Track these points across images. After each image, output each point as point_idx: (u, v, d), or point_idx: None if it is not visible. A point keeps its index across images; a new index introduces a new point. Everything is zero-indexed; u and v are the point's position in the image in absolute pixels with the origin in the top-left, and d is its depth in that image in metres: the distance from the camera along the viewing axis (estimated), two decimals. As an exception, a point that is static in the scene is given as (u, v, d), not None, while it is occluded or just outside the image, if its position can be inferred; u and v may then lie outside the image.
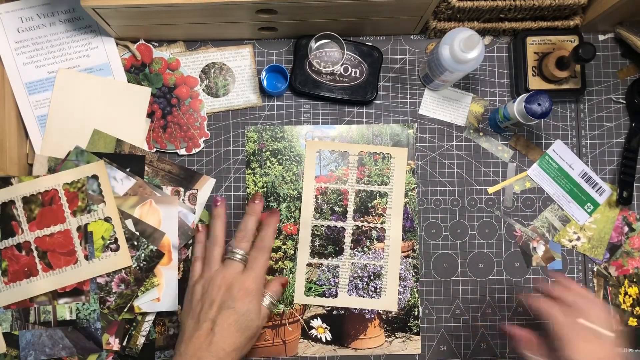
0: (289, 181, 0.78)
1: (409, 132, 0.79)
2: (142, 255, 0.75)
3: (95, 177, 0.75)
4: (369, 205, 0.78)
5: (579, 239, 0.79)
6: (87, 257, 0.74)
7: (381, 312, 0.78)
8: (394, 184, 0.78)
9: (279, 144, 0.79)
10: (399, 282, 0.78)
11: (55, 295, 0.74)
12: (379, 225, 0.78)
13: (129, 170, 0.76)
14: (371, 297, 0.78)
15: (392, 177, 0.79)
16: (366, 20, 0.75)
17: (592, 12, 0.76)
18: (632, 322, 0.78)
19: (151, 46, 0.78)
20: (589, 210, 0.79)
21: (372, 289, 0.78)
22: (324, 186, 0.78)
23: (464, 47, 0.67)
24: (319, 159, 0.79)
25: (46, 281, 0.73)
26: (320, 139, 0.79)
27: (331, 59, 0.79)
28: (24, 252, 0.74)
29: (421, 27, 0.78)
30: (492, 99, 0.81)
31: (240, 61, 0.80)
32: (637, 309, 0.79)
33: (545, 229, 0.80)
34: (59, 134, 0.77)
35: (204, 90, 0.79)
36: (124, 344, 0.75)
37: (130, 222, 0.75)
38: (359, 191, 0.79)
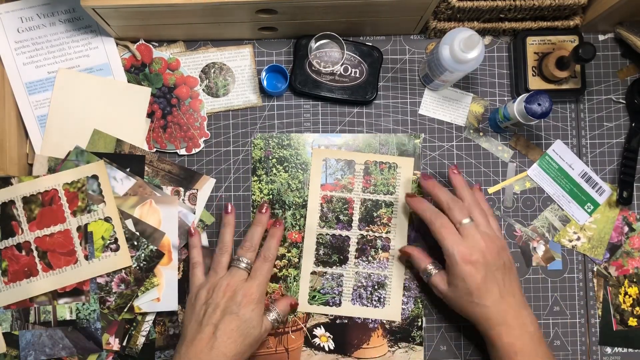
0: (294, 189, 0.78)
1: (416, 142, 0.79)
2: (142, 255, 0.75)
3: (95, 177, 0.75)
4: (375, 214, 0.78)
5: (579, 239, 0.79)
6: (87, 257, 0.74)
7: (384, 321, 0.78)
8: (400, 193, 0.78)
9: (285, 152, 0.79)
10: (402, 292, 0.78)
11: (55, 295, 0.74)
12: (384, 234, 0.78)
13: (129, 170, 0.76)
14: (375, 307, 0.77)
15: (397, 187, 0.78)
16: (366, 20, 0.75)
17: (592, 12, 0.76)
18: (632, 322, 0.78)
19: (151, 46, 0.78)
20: (589, 210, 0.79)
21: (376, 299, 0.78)
22: (329, 194, 0.78)
23: (464, 47, 0.67)
24: (325, 167, 0.79)
25: (46, 281, 0.73)
26: (326, 147, 0.79)
27: (331, 59, 0.79)
28: (24, 252, 0.74)
29: (421, 27, 0.78)
30: (492, 99, 0.81)
31: (240, 61, 0.80)
32: (637, 309, 0.79)
33: (545, 229, 0.80)
34: (59, 134, 0.77)
35: (204, 90, 0.79)
36: (124, 344, 0.75)
37: (130, 222, 0.75)
38: (364, 200, 0.78)
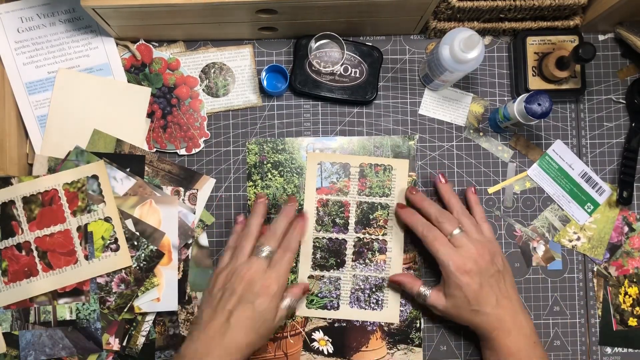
0: (290, 193, 0.78)
1: (410, 143, 0.79)
2: (142, 255, 0.75)
3: (95, 177, 0.75)
4: (371, 217, 0.78)
5: (579, 239, 0.79)
6: (87, 257, 0.74)
7: (383, 324, 0.77)
8: (395, 195, 0.78)
9: (280, 156, 0.79)
10: (400, 294, 0.78)
11: (55, 295, 0.74)
12: (381, 237, 0.78)
13: (129, 170, 0.76)
14: (373, 310, 0.77)
15: (393, 189, 0.78)
16: (366, 20, 0.75)
17: (592, 12, 0.76)
18: (632, 322, 0.78)
19: (151, 46, 0.78)
20: (589, 210, 0.79)
21: (374, 301, 0.77)
22: (325, 198, 0.78)
23: (464, 47, 0.67)
24: (320, 170, 0.79)
25: (46, 281, 0.73)
26: (321, 150, 0.79)
27: (331, 59, 0.79)
28: (24, 252, 0.74)
29: (421, 27, 0.78)
30: (492, 99, 0.81)
31: (240, 61, 0.80)
32: (637, 309, 0.79)
33: (545, 229, 0.80)
34: (59, 134, 0.77)
35: (204, 90, 0.79)
36: (124, 344, 0.75)
37: (130, 222, 0.75)
38: (360, 203, 0.78)
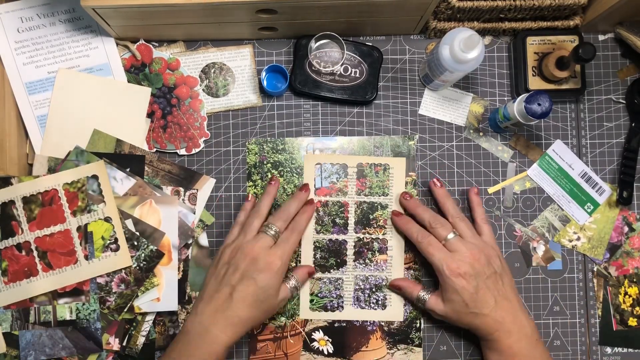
0: (290, 193, 0.78)
1: (410, 143, 0.79)
2: (142, 255, 0.75)
3: (95, 177, 0.75)
4: (370, 217, 0.78)
5: (579, 239, 0.79)
6: (87, 257, 0.74)
7: (383, 324, 0.77)
8: (394, 194, 0.78)
9: (280, 156, 0.79)
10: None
11: (55, 295, 0.74)
12: (381, 236, 0.78)
13: (129, 170, 0.76)
14: (377, 309, 0.77)
15: (391, 188, 0.78)
16: (366, 20, 0.75)
17: (592, 12, 0.76)
18: (632, 322, 0.78)
19: (151, 46, 0.78)
20: (589, 210, 0.79)
21: (377, 301, 0.77)
22: (324, 199, 0.78)
23: (464, 47, 0.67)
24: (319, 170, 0.78)
25: (46, 281, 0.73)
26: (321, 150, 0.79)
27: (331, 59, 0.79)
28: (24, 252, 0.74)
29: (421, 27, 0.78)
30: (492, 99, 0.81)
31: (240, 61, 0.80)
32: (637, 309, 0.79)
33: (545, 229, 0.80)
34: (59, 134, 0.77)
35: (204, 90, 0.79)
36: (124, 344, 0.75)
37: (130, 222, 0.75)
38: (359, 203, 0.78)
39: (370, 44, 0.79)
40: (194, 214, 0.77)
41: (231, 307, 0.67)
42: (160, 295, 0.75)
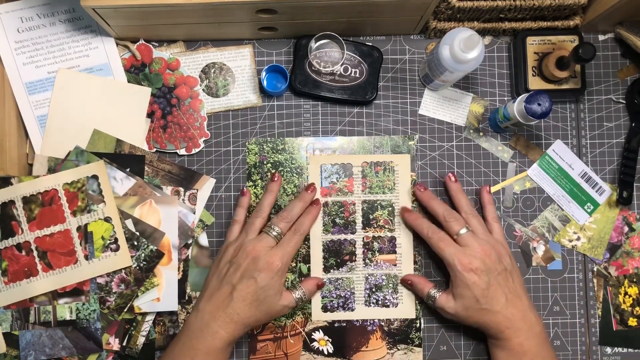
0: (290, 193, 0.78)
1: (410, 143, 0.79)
2: (142, 255, 0.75)
3: (95, 177, 0.75)
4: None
5: (579, 239, 0.79)
6: (87, 257, 0.74)
7: (383, 324, 0.77)
8: (400, 191, 0.78)
9: (280, 156, 0.79)
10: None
11: (55, 295, 0.74)
12: (389, 234, 0.78)
13: (129, 170, 0.76)
14: (389, 307, 0.77)
15: (397, 185, 0.78)
16: (366, 20, 0.75)
17: (592, 12, 0.76)
18: (632, 322, 0.78)
19: (151, 46, 0.78)
20: (589, 210, 0.79)
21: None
22: (323, 200, 0.78)
23: (464, 47, 0.67)
24: (320, 171, 0.79)
25: (46, 281, 0.73)
26: (321, 150, 0.79)
27: (331, 59, 0.79)
28: (24, 252, 0.74)
29: (421, 27, 0.78)
30: (492, 99, 0.81)
31: (240, 61, 0.80)
32: (637, 309, 0.79)
33: (545, 229, 0.80)
34: (59, 134, 0.77)
35: (204, 90, 0.79)
36: (124, 344, 0.75)
37: (130, 222, 0.75)
38: (366, 201, 0.78)
39: (370, 44, 0.79)
40: (194, 214, 0.77)
41: (231, 305, 0.68)
42: (160, 295, 0.75)
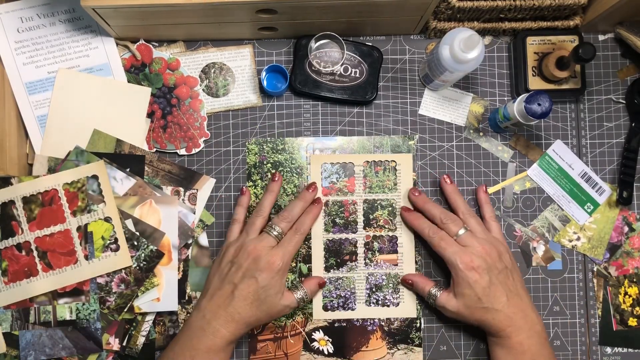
0: (290, 193, 0.78)
1: (410, 143, 0.79)
2: (142, 255, 0.75)
3: (95, 177, 0.75)
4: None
5: (579, 239, 0.79)
6: (87, 257, 0.74)
7: (383, 323, 0.77)
8: (402, 190, 0.78)
9: (279, 156, 0.79)
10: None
11: (55, 295, 0.74)
12: (391, 233, 0.78)
13: (129, 170, 0.76)
14: (390, 306, 0.77)
15: (399, 184, 0.78)
16: (366, 20, 0.75)
17: (592, 12, 0.76)
18: (632, 322, 0.78)
19: (151, 46, 0.78)
20: (589, 210, 0.79)
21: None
22: (323, 199, 0.78)
23: (464, 47, 0.67)
24: (321, 170, 0.79)
25: (46, 281, 0.73)
26: (321, 150, 0.79)
27: (331, 59, 0.79)
28: (24, 252, 0.74)
29: (421, 27, 0.78)
30: (492, 99, 0.81)
31: (240, 61, 0.80)
32: (637, 309, 0.79)
33: (545, 229, 0.80)
34: (59, 134, 0.77)
35: (204, 90, 0.79)
36: (124, 344, 0.75)
37: (130, 222, 0.75)
38: (367, 201, 0.78)
39: (370, 44, 0.79)
40: (194, 214, 0.77)
41: (232, 304, 0.68)
42: (160, 295, 0.75)
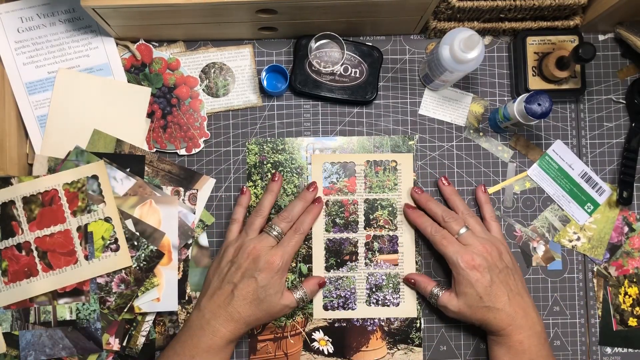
0: (290, 193, 0.78)
1: (410, 143, 0.79)
2: (142, 255, 0.75)
3: (95, 177, 0.75)
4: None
5: (579, 239, 0.79)
6: (87, 257, 0.74)
7: (383, 324, 0.77)
8: (403, 190, 0.78)
9: (280, 156, 0.79)
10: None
11: (55, 295, 0.74)
12: (391, 233, 0.78)
13: (129, 170, 0.76)
14: (390, 306, 0.77)
15: (400, 184, 0.78)
16: (366, 20, 0.75)
17: (592, 12, 0.76)
18: (632, 322, 0.78)
19: (151, 46, 0.78)
20: (589, 210, 0.79)
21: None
22: (324, 198, 0.78)
23: (464, 47, 0.67)
24: (322, 170, 0.79)
25: (46, 281, 0.73)
26: (321, 150, 0.79)
27: (331, 59, 0.79)
28: (24, 252, 0.74)
29: (421, 27, 0.78)
30: (492, 99, 0.81)
31: (240, 61, 0.80)
32: (637, 309, 0.79)
33: (545, 229, 0.80)
34: (59, 134, 0.77)
35: (204, 90, 0.79)
36: (124, 344, 0.75)
37: (130, 222, 0.75)
38: (368, 200, 0.78)
39: (370, 44, 0.79)
40: (194, 214, 0.77)
41: (232, 303, 0.68)
42: (160, 295, 0.75)
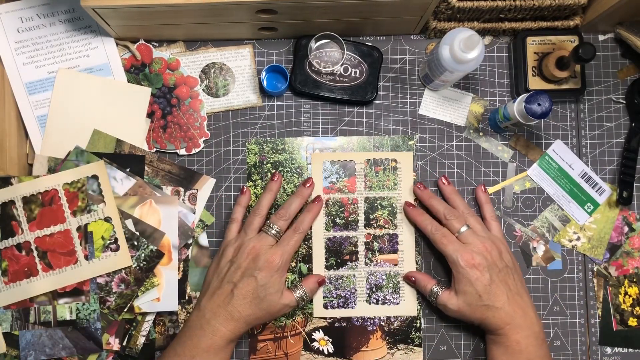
0: (290, 193, 0.78)
1: (410, 143, 0.79)
2: (142, 255, 0.75)
3: (95, 177, 0.75)
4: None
5: (579, 239, 0.79)
6: (87, 257, 0.74)
7: (383, 323, 0.77)
8: (403, 189, 0.78)
9: (280, 156, 0.79)
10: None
11: (55, 295, 0.74)
12: (392, 231, 0.78)
13: (129, 170, 0.76)
14: (391, 304, 0.77)
15: (400, 182, 0.78)
16: (366, 20, 0.75)
17: (592, 12, 0.76)
18: (632, 322, 0.78)
19: (151, 46, 0.78)
20: (589, 210, 0.79)
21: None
22: (325, 197, 0.78)
23: (464, 47, 0.67)
24: (322, 169, 0.79)
25: (46, 281, 0.73)
26: (321, 150, 0.79)
27: (331, 59, 0.79)
28: (24, 252, 0.74)
29: (421, 27, 0.78)
30: (492, 99, 0.81)
31: (240, 61, 0.80)
32: (637, 309, 0.79)
33: (545, 229, 0.80)
34: (59, 134, 0.77)
35: (204, 90, 0.79)
36: (124, 344, 0.75)
37: (130, 222, 0.75)
38: (368, 199, 0.78)
39: (370, 44, 0.79)
40: (194, 214, 0.77)
41: (232, 302, 0.68)
42: (160, 295, 0.75)
